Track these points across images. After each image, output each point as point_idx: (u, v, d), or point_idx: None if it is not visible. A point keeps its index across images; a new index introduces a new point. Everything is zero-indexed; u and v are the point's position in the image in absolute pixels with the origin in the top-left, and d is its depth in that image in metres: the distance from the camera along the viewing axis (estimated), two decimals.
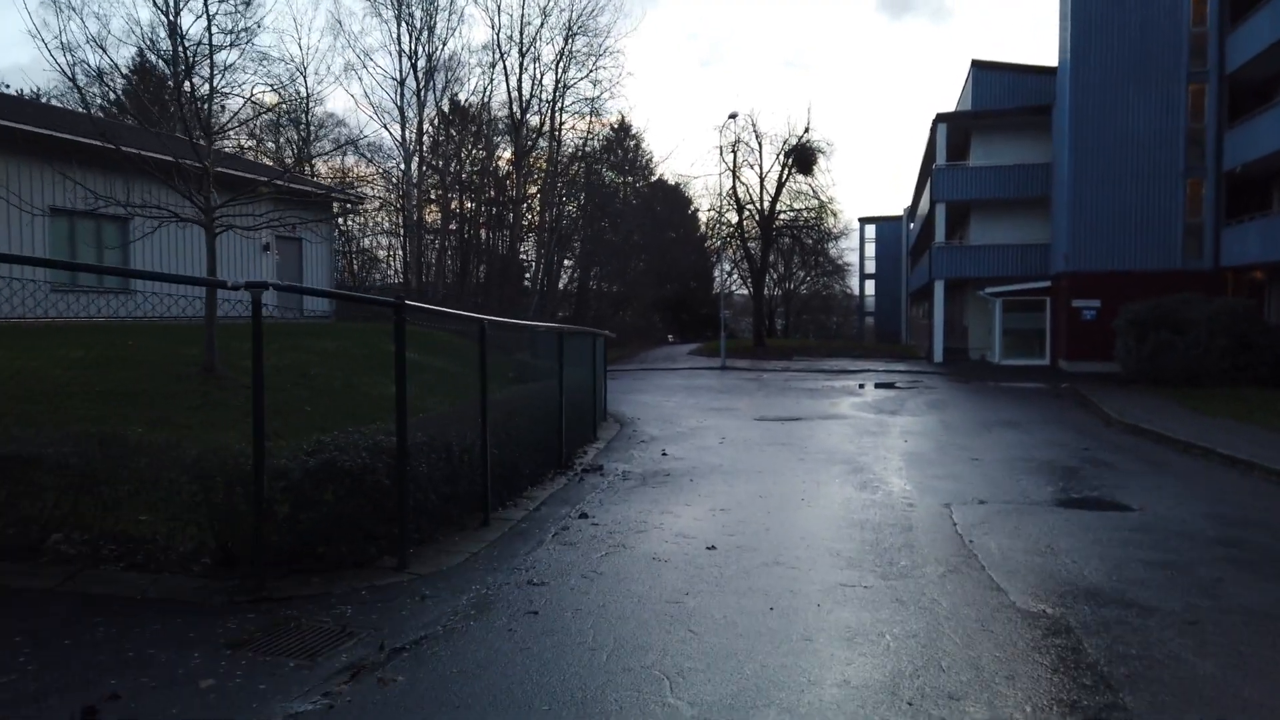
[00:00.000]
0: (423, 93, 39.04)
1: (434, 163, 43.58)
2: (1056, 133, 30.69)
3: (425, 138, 40.23)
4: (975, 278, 33.37)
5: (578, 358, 13.08)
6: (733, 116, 32.73)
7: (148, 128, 16.33)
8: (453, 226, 46.12)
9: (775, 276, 56.05)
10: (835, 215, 40.83)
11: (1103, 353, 28.02)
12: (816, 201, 39.86)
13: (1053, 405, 20.19)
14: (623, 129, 55.00)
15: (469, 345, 13.85)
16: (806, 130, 38.94)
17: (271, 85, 38.40)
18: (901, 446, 13.08)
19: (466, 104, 44.12)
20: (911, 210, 53.12)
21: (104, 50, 28.97)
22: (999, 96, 33.97)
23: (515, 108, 37.84)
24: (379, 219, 44.67)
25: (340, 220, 48.08)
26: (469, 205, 43.55)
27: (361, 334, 20.50)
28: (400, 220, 43.56)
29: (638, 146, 57.68)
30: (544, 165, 36.60)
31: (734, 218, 40.56)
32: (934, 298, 33.57)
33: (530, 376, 14.13)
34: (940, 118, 33.34)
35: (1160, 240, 28.48)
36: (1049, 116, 31.89)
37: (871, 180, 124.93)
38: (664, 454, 12.06)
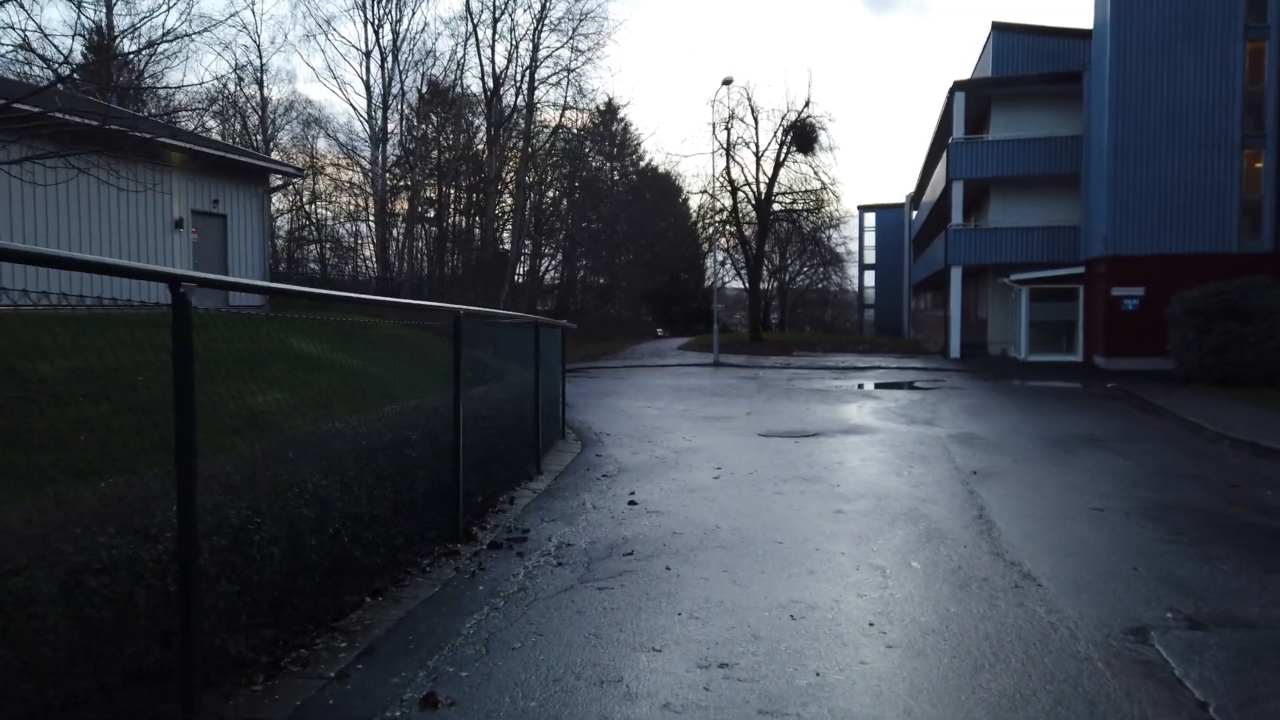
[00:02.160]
0: (388, 62, 34.67)
1: (407, 144, 39.25)
2: (1093, 100, 26.46)
3: (393, 114, 35.86)
4: (996, 264, 29.18)
5: (509, 356, 8.86)
6: (727, 83, 28.46)
7: None
8: (430, 214, 41.86)
9: (770, 268, 51.78)
10: (837, 198, 36.45)
11: (1148, 347, 23.87)
12: (818, 183, 35.55)
13: (1118, 412, 16.02)
14: (609, 111, 50.73)
15: (431, 341, 9.55)
16: (807, 104, 34.63)
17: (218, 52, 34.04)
18: (974, 483, 8.86)
19: (440, 82, 39.75)
20: (915, 197, 48.86)
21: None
22: (1022, 62, 29.73)
23: (489, 79, 33.48)
24: (343, 203, 40.30)
25: (282, 197, 43.75)
26: (447, 191, 39.27)
27: (278, 326, 16.19)
28: (369, 205, 39.22)
29: (625, 130, 53.50)
30: (519, 141, 32.29)
31: (728, 201, 36.20)
32: (950, 286, 29.36)
33: (490, 380, 10.00)
34: (958, 85, 29.08)
35: (1213, 219, 24.30)
36: (1080, 84, 27.66)
37: (867, 170, 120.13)
38: (631, 502, 7.80)
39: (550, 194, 36.68)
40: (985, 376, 23.44)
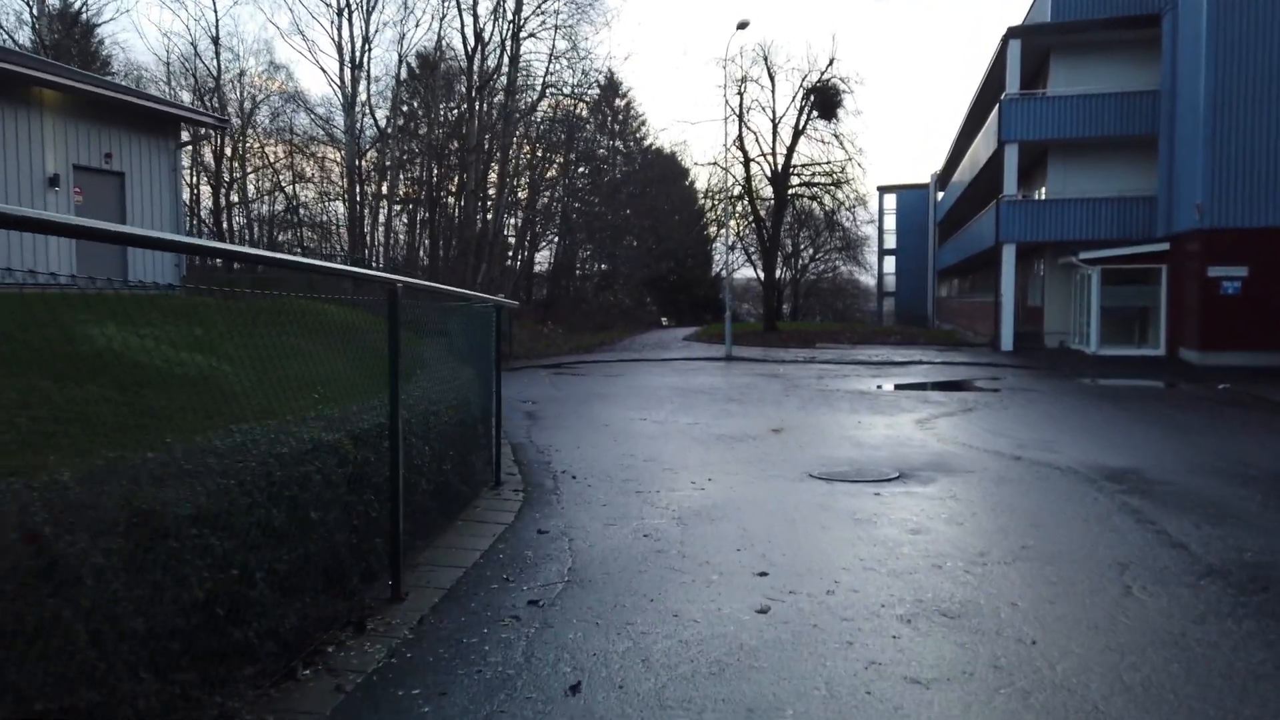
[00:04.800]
0: (356, 20, 29.77)
1: (390, 118, 34.42)
2: (1181, 46, 21.40)
3: (362, 77, 30.96)
4: (1055, 241, 24.22)
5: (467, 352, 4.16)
6: (742, 26, 23.51)
7: None
8: (412, 192, 37.09)
9: (783, 254, 46.70)
10: (863, 170, 31.35)
11: (1255, 339, 19.03)
12: (841, 153, 30.52)
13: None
14: (611, 87, 45.77)
15: (362, 325, 5.04)
16: (831, 63, 29.53)
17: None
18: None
19: (429, 56, 34.83)
20: (942, 176, 43.73)
21: None
22: (1084, 6, 24.70)
23: (469, 34, 28.54)
24: (311, 172, 35.47)
25: (261, 177, 38.95)
26: (427, 166, 34.44)
27: (133, 306, 11.38)
28: (344, 181, 34.39)
29: (628, 107, 48.54)
30: (502, 97, 27.37)
31: (740, 173, 31.17)
32: (1000, 268, 24.41)
33: (438, 373, 5.50)
34: (1012, 32, 24.07)
35: None
36: (1158, 29, 22.64)
37: (885, 152, 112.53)
38: None
39: (538, 159, 31.67)
40: (1054, 374, 18.60)
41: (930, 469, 8.24)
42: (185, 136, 20.38)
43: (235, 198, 41.45)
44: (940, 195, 44.06)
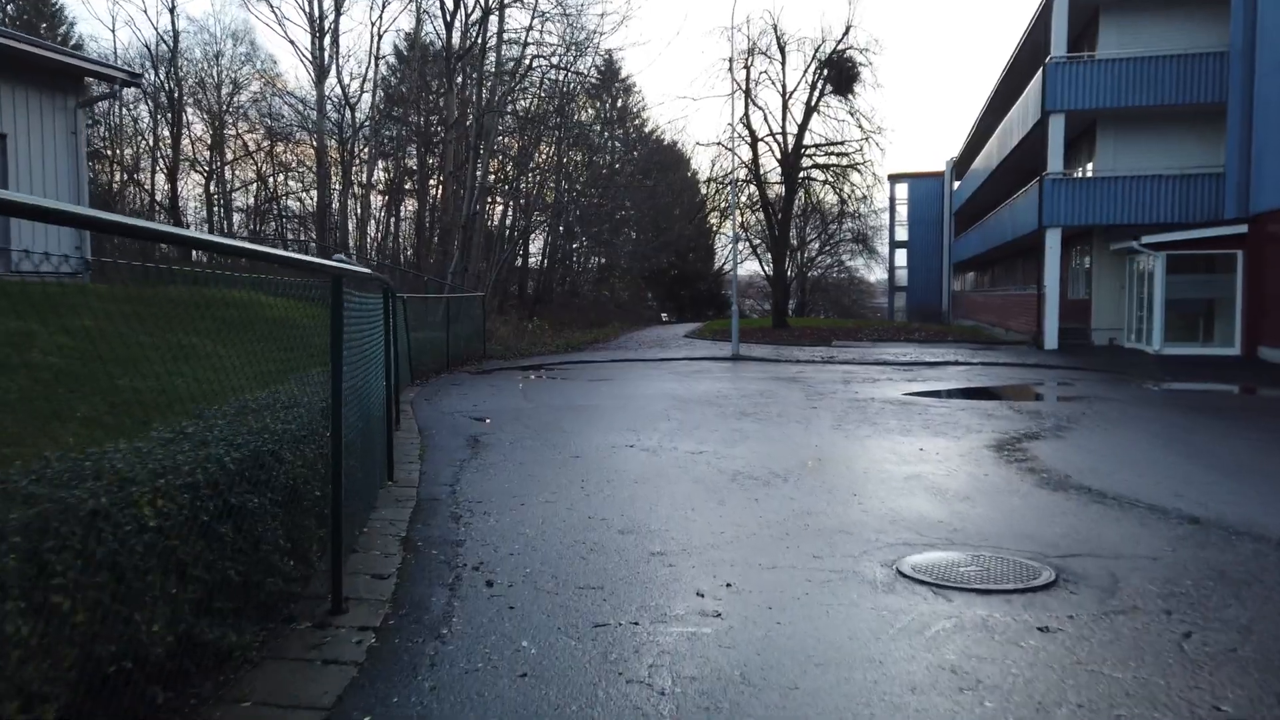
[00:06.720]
0: None
1: (376, 106, 31.13)
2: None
3: (334, 54, 27.58)
4: (1102, 226, 20.83)
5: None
6: None
7: None
8: (386, 180, 33.85)
9: (789, 248, 43.29)
10: (882, 150, 27.94)
11: None
12: (858, 131, 27.07)
13: None
14: (610, 71, 42.35)
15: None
16: (847, 31, 26.00)
17: None
18: None
19: (407, 32, 31.49)
20: (959, 163, 40.20)
21: None
22: None
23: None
24: (284, 155, 32.16)
25: (237, 171, 35.65)
26: (422, 157, 31.11)
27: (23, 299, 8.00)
28: (324, 167, 31.04)
29: (627, 91, 45.09)
30: (480, 58, 23.94)
31: (746, 154, 27.78)
32: (1044, 256, 21.01)
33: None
34: None
35: None
36: None
37: (893, 138, 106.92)
38: None
39: (527, 139, 28.27)
40: (1124, 379, 15.21)
41: (1084, 551, 4.92)
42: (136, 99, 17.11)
43: (214, 188, 38.36)
44: (957, 184, 40.56)
